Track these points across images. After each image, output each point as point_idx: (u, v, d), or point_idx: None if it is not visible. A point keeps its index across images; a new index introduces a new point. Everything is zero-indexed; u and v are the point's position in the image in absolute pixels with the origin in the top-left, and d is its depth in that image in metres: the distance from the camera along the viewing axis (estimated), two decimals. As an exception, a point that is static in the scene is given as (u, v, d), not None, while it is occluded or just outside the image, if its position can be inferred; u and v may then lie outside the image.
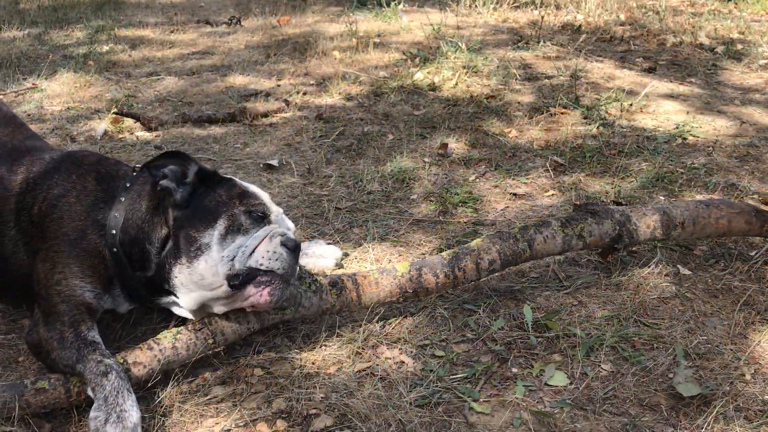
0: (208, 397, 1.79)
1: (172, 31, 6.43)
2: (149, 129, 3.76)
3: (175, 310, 1.88)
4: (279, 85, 4.67)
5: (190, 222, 1.80)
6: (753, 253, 2.43)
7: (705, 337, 1.97)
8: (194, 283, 1.77)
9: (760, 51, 5.53)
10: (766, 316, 2.06)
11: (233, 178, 1.95)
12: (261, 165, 3.31)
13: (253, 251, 1.78)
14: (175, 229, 1.81)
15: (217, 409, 1.75)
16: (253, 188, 1.94)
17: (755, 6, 7.91)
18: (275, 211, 1.91)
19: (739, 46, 5.72)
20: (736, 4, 8.02)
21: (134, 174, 1.93)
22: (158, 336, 1.80)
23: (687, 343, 1.94)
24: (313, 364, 1.89)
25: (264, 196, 1.93)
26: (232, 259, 1.76)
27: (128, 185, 1.90)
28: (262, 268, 1.76)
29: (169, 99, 4.41)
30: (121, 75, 4.91)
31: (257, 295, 1.76)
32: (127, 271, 1.84)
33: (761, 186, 3.00)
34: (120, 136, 3.69)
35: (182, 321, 1.94)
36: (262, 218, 1.84)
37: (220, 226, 1.79)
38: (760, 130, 3.75)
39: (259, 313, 1.87)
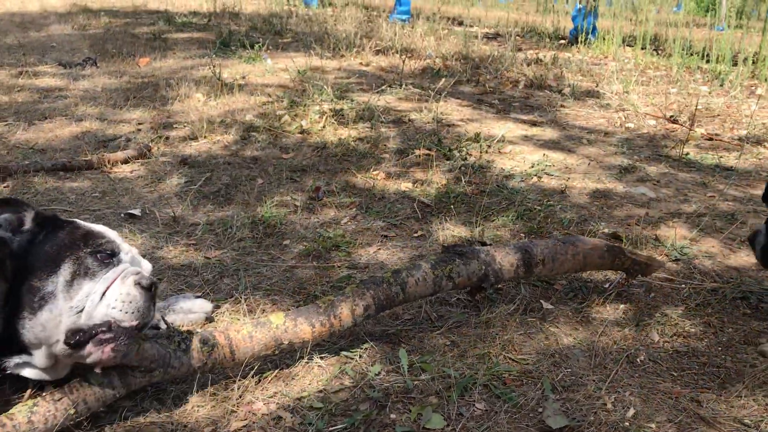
0: (70, 472, 1.65)
1: (20, 73, 6.06)
2: (-4, 179, 3.49)
3: (27, 373, 1.74)
4: (140, 130, 4.50)
5: (31, 271, 1.67)
6: (606, 286, 2.60)
7: (569, 370, 2.07)
8: (37, 337, 1.65)
9: (602, 93, 6.01)
10: (623, 345, 2.21)
11: (76, 220, 1.84)
12: (122, 215, 3.16)
13: (103, 295, 1.67)
14: (16, 282, 1.67)
15: (80, 485, 1.62)
16: (99, 227, 1.83)
17: (595, 50, 8.62)
18: (126, 249, 1.81)
19: (583, 88, 6.19)
20: (578, 49, 8.70)
21: None
22: (11, 410, 1.65)
23: (553, 376, 2.03)
24: (185, 427, 1.80)
25: (111, 234, 1.83)
26: (81, 311, 1.65)
27: None
28: (114, 313, 1.65)
29: (18, 146, 4.13)
30: (-39, 120, 4.55)
31: (99, 352, 1.64)
32: None
33: (610, 221, 3.23)
34: (-38, 187, 3.41)
35: (40, 390, 1.79)
36: (110, 257, 1.73)
37: (65, 271, 1.67)
38: (606, 167, 4.05)
39: (124, 377, 1.76)
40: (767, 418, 1.86)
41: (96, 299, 1.67)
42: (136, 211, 3.18)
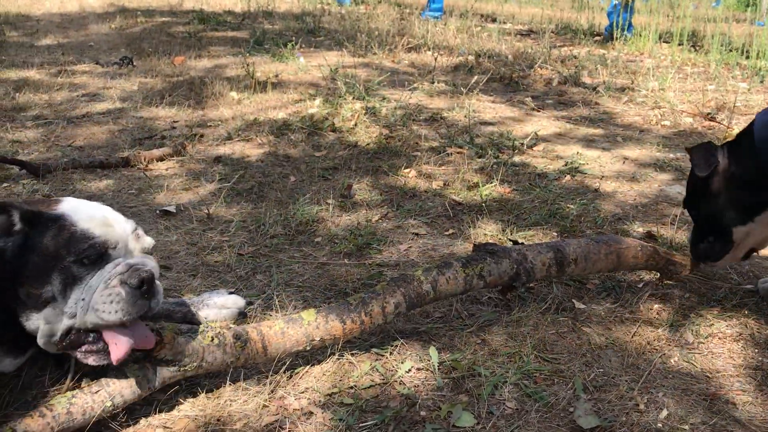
0: (107, 463, 1.69)
1: (59, 72, 6.19)
2: (36, 176, 3.58)
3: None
4: (175, 128, 4.57)
5: (27, 279, 1.70)
6: (640, 285, 2.57)
7: (601, 370, 2.05)
8: (40, 328, 1.73)
9: (638, 90, 5.93)
10: (656, 345, 2.18)
11: (63, 213, 1.77)
12: (157, 212, 3.22)
13: (89, 302, 1.71)
14: (15, 285, 1.71)
15: (116, 475, 1.66)
16: (85, 222, 1.75)
17: (630, 47, 8.50)
18: (117, 237, 1.77)
19: (618, 85, 6.11)
20: (613, 46, 8.59)
21: None
22: (51, 401, 1.69)
23: (585, 376, 2.02)
24: (218, 421, 1.83)
25: (98, 228, 1.75)
26: (74, 316, 1.71)
27: None
28: (103, 315, 1.68)
29: (57, 144, 4.23)
30: (4, 119, 4.66)
31: (84, 358, 1.76)
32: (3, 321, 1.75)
33: (645, 220, 3.19)
34: (4, 185, 3.49)
35: (78, 382, 1.84)
36: (97, 260, 1.73)
37: (56, 281, 1.70)
38: (641, 165, 4.00)
39: (160, 371, 1.80)
40: (805, 422, 1.82)
41: (86, 306, 1.70)
42: (171, 208, 3.23)
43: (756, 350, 2.18)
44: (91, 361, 1.75)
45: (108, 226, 1.79)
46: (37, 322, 1.73)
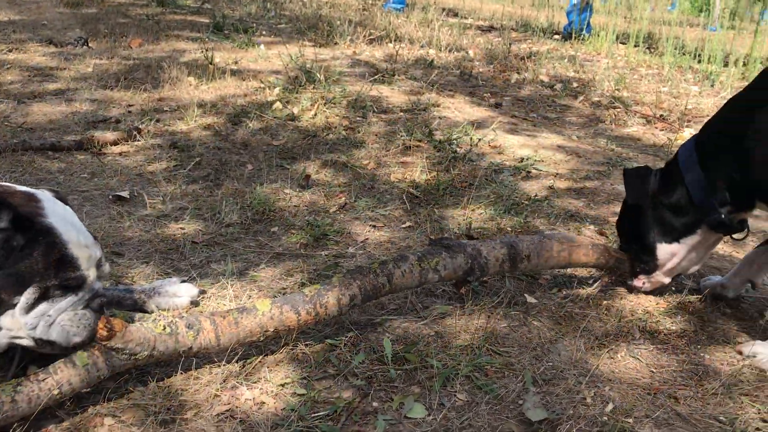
0: (52, 452, 1.66)
1: (10, 50, 6.00)
2: (-17, 157, 3.47)
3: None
4: (130, 112, 4.49)
5: (2, 283, 1.67)
6: (590, 281, 2.63)
7: (551, 363, 2.10)
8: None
9: (594, 89, 6.04)
10: (603, 341, 2.24)
11: (52, 228, 1.73)
12: (110, 197, 3.16)
13: (54, 321, 1.73)
14: None
15: (62, 464, 1.63)
16: (74, 248, 1.75)
17: (588, 47, 8.64)
18: (90, 277, 1.80)
19: (575, 84, 6.21)
20: (572, 45, 8.72)
21: None
22: (-6, 389, 1.65)
23: (535, 369, 2.06)
24: (168, 410, 1.81)
25: (83, 253, 1.77)
26: (34, 328, 1.71)
27: None
28: (70, 339, 1.73)
29: (7, 124, 4.11)
30: (-50, 96, 4.51)
31: None
32: None
33: (596, 218, 3.26)
34: (-51, 164, 3.39)
35: (23, 370, 1.80)
36: (75, 289, 1.77)
37: (30, 294, 1.69)
38: (594, 164, 4.08)
39: (109, 359, 1.77)
40: (741, 416, 1.89)
41: (49, 321, 1.72)
42: (125, 194, 3.17)
43: (698, 346, 2.25)
44: None
45: (88, 251, 1.79)
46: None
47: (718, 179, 2.21)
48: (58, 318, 1.73)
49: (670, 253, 2.39)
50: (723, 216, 2.23)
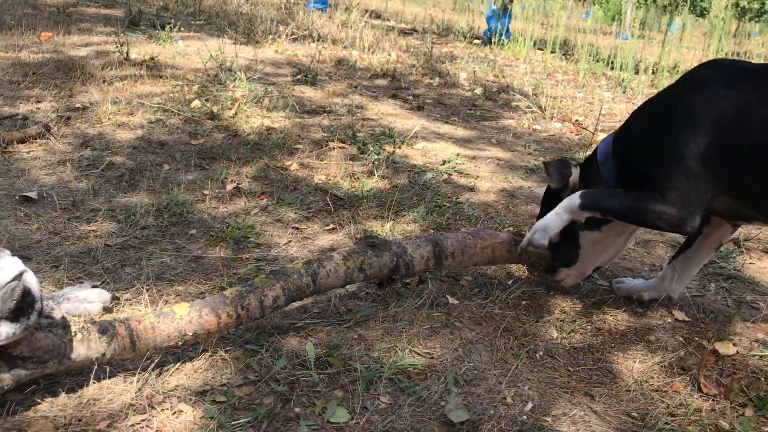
0: (-50, 470, 1.56)
1: None
2: None
3: None
4: (39, 109, 4.27)
5: None
6: (510, 282, 2.68)
7: (472, 364, 2.12)
8: None
9: (512, 94, 6.18)
10: (523, 341, 2.28)
11: None
12: (17, 197, 2.99)
13: None
14: None
15: (-40, 483, 1.53)
16: None
17: (507, 52, 8.84)
18: None
19: (494, 89, 6.35)
20: (491, 49, 8.90)
21: None
22: None
23: (456, 370, 2.08)
24: (80, 421, 1.72)
25: None
26: None
27: None
28: None
29: None
30: None
31: None
32: None
33: (514, 219, 3.33)
34: None
35: None
36: None
37: None
38: (513, 167, 4.17)
39: (14, 368, 1.67)
40: (652, 411, 1.97)
41: None
42: (32, 194, 3.01)
43: (613, 345, 2.33)
44: None
45: None
46: None
47: (623, 171, 2.31)
48: None
49: (591, 241, 2.46)
50: None
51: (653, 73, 7.62)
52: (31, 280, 1.69)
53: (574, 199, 2.32)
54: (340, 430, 1.79)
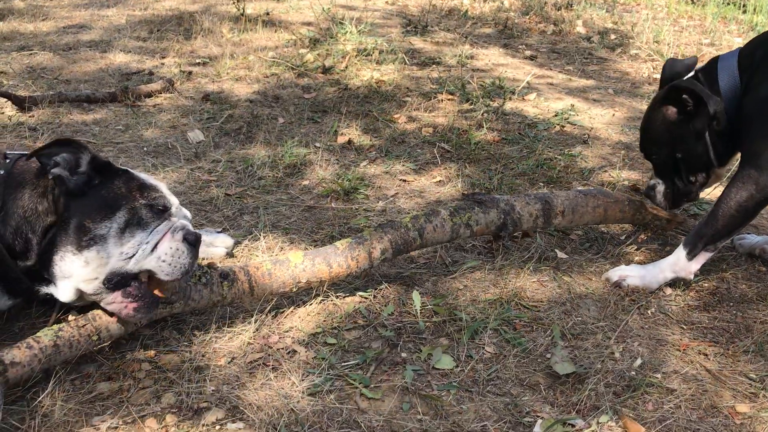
0: (93, 394, 1.73)
1: (45, 1, 6.03)
2: (22, 109, 3.53)
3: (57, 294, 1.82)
4: (163, 64, 4.50)
5: (85, 212, 1.73)
6: (623, 238, 2.61)
7: (580, 318, 2.10)
8: (75, 271, 1.72)
9: (632, 41, 5.88)
10: (633, 297, 2.23)
11: (129, 169, 1.89)
12: (145, 149, 3.20)
13: (154, 248, 1.74)
14: (66, 218, 1.74)
15: (103, 406, 1.70)
16: (152, 180, 1.88)
17: (627, -3, 8.36)
18: (175, 203, 1.87)
19: (613, 36, 6.05)
20: (610, -5, 8.44)
21: (8, 161, 1.83)
22: (38, 333, 1.72)
23: (563, 324, 2.07)
24: (203, 356, 1.87)
25: (163, 187, 1.88)
26: (131, 257, 1.72)
27: (3, 172, 1.80)
28: (164, 266, 1.73)
29: (43, 76, 4.16)
30: (-13, 48, 4.57)
31: (122, 305, 1.73)
32: (6, 262, 1.75)
33: (630, 173, 3.21)
34: (-12, 116, 3.45)
35: (65, 315, 1.86)
36: (162, 212, 1.80)
37: (120, 219, 1.73)
38: (630, 119, 4.00)
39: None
40: (772, 374, 1.89)
41: (148, 249, 1.74)
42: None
43: (731, 304, 2.23)
44: (130, 309, 1.73)
45: (164, 186, 1.88)
46: (73, 264, 1.72)
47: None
48: (160, 248, 1.73)
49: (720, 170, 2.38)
50: None
51: (792, 15, 7.00)
52: None
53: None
54: (445, 376, 1.84)
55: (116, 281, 1.73)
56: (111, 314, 1.77)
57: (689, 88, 2.26)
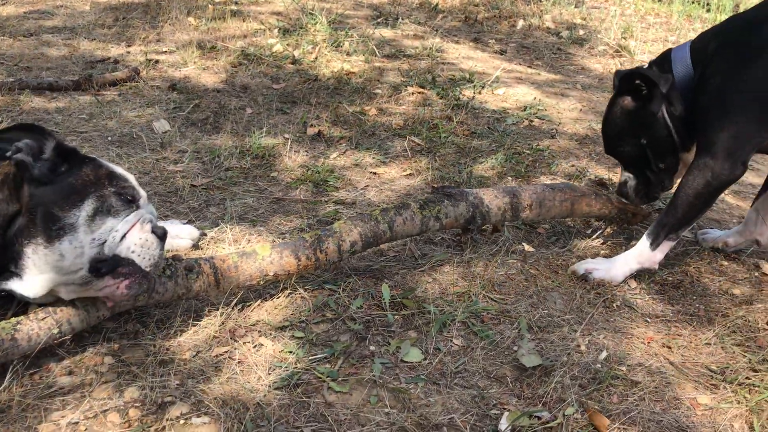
0: (53, 389, 1.69)
1: (5, -14, 5.87)
2: (-20, 96, 3.43)
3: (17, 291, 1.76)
4: (129, 52, 4.42)
5: (52, 200, 1.67)
6: (589, 232, 2.63)
7: (546, 311, 2.12)
8: (50, 264, 1.66)
9: (600, 37, 5.94)
10: (600, 290, 2.25)
11: (96, 157, 1.84)
12: (109, 138, 3.13)
13: (123, 237, 1.70)
14: (32, 207, 1.68)
15: (63, 401, 1.66)
16: (120, 169, 1.83)
17: (596, -6, 8.43)
18: (143, 195, 1.83)
19: (581, 32, 6.11)
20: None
21: None
22: (-5, 327, 1.67)
23: (530, 317, 2.08)
24: (167, 350, 1.83)
25: (131, 178, 1.83)
26: (102, 244, 1.68)
27: None
28: (133, 256, 1.69)
29: (2, 62, 4.05)
30: (-55, 33, 4.43)
31: (114, 287, 1.68)
32: None
33: (597, 167, 3.24)
34: (-55, 102, 3.35)
35: (23, 308, 1.82)
36: (131, 202, 1.76)
37: (88, 206, 1.68)
38: (597, 113, 4.04)
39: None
40: (732, 366, 1.92)
41: (118, 237, 1.70)
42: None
43: (694, 297, 2.27)
44: (123, 287, 1.68)
45: (135, 183, 1.84)
46: (47, 258, 1.65)
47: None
48: (129, 238, 1.70)
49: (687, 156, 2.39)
50: None
51: (755, 14, 7.13)
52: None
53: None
54: (413, 369, 1.84)
55: (100, 269, 1.68)
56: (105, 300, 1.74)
57: (638, 72, 2.33)
